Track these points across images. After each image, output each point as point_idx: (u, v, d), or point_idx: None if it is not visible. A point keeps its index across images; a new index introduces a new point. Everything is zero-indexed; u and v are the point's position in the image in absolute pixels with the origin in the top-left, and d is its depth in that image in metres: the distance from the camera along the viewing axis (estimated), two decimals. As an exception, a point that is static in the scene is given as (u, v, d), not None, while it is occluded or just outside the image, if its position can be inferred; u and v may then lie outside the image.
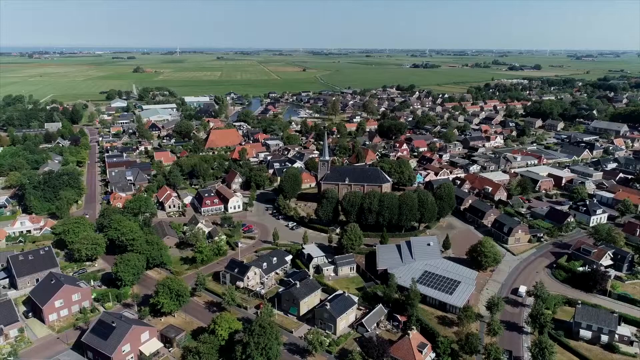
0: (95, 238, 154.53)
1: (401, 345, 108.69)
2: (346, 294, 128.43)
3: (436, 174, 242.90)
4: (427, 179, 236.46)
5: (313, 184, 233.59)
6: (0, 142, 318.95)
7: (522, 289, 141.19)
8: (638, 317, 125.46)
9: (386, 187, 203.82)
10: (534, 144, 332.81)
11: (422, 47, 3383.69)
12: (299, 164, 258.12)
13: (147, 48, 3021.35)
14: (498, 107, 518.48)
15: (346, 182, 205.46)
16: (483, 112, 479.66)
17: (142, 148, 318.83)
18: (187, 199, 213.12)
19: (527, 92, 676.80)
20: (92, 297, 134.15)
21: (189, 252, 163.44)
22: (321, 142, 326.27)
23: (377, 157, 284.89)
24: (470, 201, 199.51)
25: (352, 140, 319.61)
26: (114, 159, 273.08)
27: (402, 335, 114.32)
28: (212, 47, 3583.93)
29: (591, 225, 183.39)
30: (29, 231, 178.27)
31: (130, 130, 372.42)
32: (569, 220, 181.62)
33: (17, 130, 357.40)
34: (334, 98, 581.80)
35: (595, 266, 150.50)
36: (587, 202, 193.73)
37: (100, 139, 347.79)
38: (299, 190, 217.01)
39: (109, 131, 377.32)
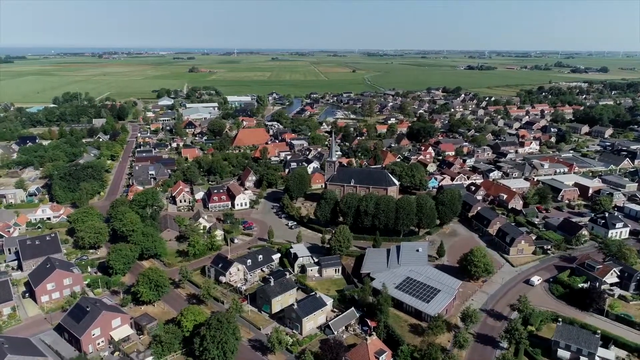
0: (98, 227, 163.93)
1: (358, 351, 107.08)
2: (318, 295, 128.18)
3: (452, 179, 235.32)
4: (442, 184, 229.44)
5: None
6: (50, 136, 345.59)
7: (535, 279, 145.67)
8: (630, 341, 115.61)
9: (392, 191, 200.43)
10: (571, 152, 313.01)
11: (482, 48, 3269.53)
12: (315, 165, 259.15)
13: (207, 49, 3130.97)
14: (545, 112, 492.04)
15: (351, 184, 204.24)
16: (527, 117, 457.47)
17: (174, 144, 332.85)
18: (199, 195, 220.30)
19: (583, 96, 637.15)
20: (86, 282, 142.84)
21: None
22: (347, 143, 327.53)
23: (399, 160, 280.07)
24: (479, 208, 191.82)
25: (375, 142, 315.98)
26: (144, 154, 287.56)
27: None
28: (269, 48, 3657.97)
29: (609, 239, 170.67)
30: (48, 218, 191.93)
31: (168, 128, 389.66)
32: (581, 233, 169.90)
33: (68, 125, 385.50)
34: (374, 99, 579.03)
35: (598, 283, 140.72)
36: (607, 215, 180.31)
37: (139, 134, 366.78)
38: (306, 190, 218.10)
39: (149, 127, 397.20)
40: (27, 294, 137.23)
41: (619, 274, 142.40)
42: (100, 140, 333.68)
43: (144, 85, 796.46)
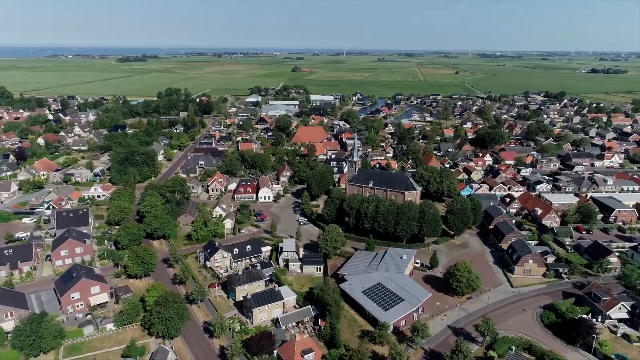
0: (123, 207, 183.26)
1: (287, 347, 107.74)
2: (276, 289, 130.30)
3: (491, 189, 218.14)
4: (477, 192, 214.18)
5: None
6: (138, 125, 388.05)
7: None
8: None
9: (410, 195, 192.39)
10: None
11: (618, 49, 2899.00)
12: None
13: (319, 49, 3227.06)
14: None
15: (370, 186, 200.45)
16: (629, 127, 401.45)
17: (239, 138, 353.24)
18: (232, 186, 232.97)
19: None
20: (98, 254, 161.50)
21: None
22: (401, 146, 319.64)
23: (448, 165, 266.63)
24: (500, 221, 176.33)
25: (425, 146, 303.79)
26: (204, 145, 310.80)
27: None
28: (379, 49, 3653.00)
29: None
30: (99, 196, 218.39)
31: (241, 123, 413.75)
32: (606, 259, 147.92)
33: (159, 117, 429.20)
34: (459, 102, 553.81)
35: (600, 317, 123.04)
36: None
37: (213, 128, 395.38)
38: (327, 188, 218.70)
39: (225, 122, 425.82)
40: (48, 258, 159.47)
41: (629, 309, 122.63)
42: (177, 131, 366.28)
43: (245, 82, 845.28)
